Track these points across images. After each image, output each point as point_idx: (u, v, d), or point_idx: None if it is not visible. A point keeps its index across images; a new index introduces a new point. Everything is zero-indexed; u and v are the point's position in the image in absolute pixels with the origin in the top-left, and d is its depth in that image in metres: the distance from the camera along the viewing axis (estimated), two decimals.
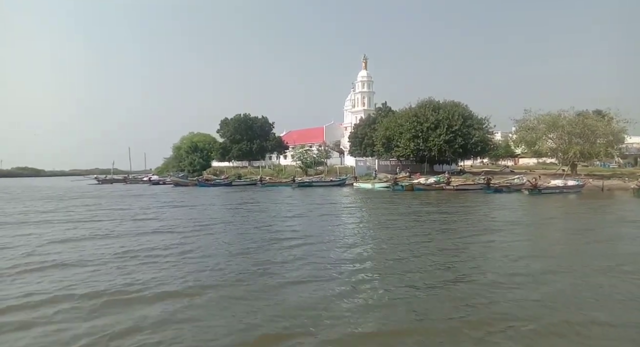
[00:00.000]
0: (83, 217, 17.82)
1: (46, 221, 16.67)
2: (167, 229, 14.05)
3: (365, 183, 41.29)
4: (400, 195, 29.86)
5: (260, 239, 11.91)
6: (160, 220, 16.87)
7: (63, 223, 15.94)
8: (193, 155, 64.50)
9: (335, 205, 23.20)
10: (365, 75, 72.10)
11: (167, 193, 36.32)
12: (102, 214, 19.08)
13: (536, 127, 41.51)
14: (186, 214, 19.10)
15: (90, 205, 24.34)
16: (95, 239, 12.30)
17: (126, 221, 16.47)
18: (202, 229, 14.07)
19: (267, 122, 77.90)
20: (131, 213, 19.61)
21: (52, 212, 20.61)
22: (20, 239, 12.13)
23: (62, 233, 13.41)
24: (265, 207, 21.77)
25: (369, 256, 9.79)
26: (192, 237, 12.26)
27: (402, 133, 47.53)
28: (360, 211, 20.63)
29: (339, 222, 16.20)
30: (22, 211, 21.42)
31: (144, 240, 11.89)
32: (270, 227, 14.50)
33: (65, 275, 7.89)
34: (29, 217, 17.93)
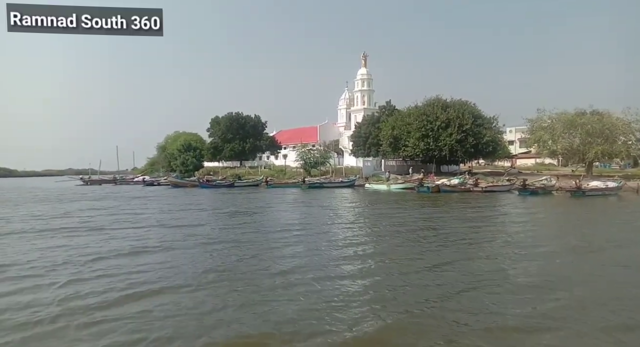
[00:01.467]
0: (105, 224, 15.33)
1: (68, 228, 14.07)
2: (231, 239, 11.75)
3: (379, 184, 39.38)
4: (430, 197, 28.02)
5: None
6: (198, 226, 14.51)
7: (89, 231, 13.47)
8: (185, 155, 61.30)
9: (372, 210, 20.79)
10: (365, 73, 70.19)
11: (170, 195, 33.56)
12: (124, 219, 16.57)
13: (551, 127, 40.41)
14: (225, 219, 16.78)
15: (100, 209, 21.64)
16: (154, 252, 9.95)
17: (164, 228, 14.08)
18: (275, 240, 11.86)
19: (260, 121, 75.44)
20: (157, 217, 17.13)
21: (65, 217, 17.94)
22: (56, 254, 9.67)
23: (99, 244, 10.98)
24: (300, 211, 19.71)
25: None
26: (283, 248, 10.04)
27: (411, 132, 45.94)
28: (424, 220, 16.31)
29: (413, 239, 12.41)
30: (31, 215, 18.72)
31: (218, 254, 9.59)
32: (340, 242, 12.37)
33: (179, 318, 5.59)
34: (45, 224, 15.29)
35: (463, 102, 47.72)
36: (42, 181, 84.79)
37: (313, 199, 27.33)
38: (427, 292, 6.54)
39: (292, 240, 11.41)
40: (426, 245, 10.69)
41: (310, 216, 17.69)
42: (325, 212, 18.75)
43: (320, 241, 11.17)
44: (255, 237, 11.91)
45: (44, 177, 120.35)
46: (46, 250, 10.13)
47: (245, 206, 22.81)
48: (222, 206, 23.46)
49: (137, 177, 64.74)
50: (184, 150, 62.58)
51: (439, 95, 48.67)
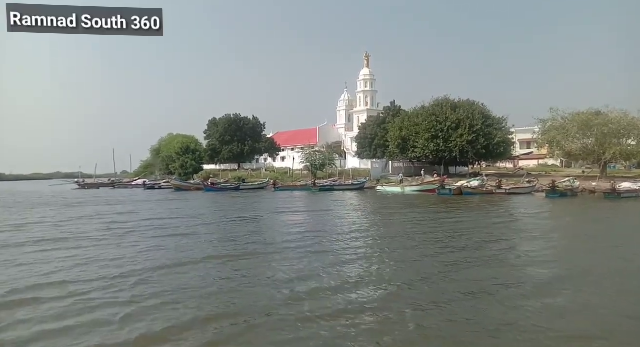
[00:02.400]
0: (133, 227, 13.96)
1: (98, 238, 12.56)
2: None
3: (393, 187, 38.20)
4: (454, 201, 26.84)
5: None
6: (240, 236, 13.11)
7: (122, 239, 12.05)
8: (185, 157, 59.51)
9: (400, 217, 18.71)
10: (367, 73, 69.12)
11: (180, 199, 31.89)
12: (157, 225, 15.19)
13: (564, 127, 39.64)
14: (265, 224, 15.42)
15: (119, 213, 20.10)
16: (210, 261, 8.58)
17: (210, 236, 12.68)
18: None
19: (259, 122, 73.94)
20: (187, 224, 15.64)
21: (86, 222, 16.47)
22: (119, 265, 8.28)
23: (145, 255, 9.60)
24: (319, 218, 18.34)
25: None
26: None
27: (419, 133, 44.97)
28: (465, 231, 14.24)
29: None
30: (50, 220, 17.36)
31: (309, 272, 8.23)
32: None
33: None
34: (73, 229, 13.91)
35: (471, 103, 46.92)
36: (34, 184, 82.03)
37: (327, 203, 25.97)
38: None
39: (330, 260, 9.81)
40: (495, 266, 8.67)
41: (333, 223, 15.93)
42: (349, 220, 16.77)
43: (365, 260, 9.55)
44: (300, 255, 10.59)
45: (32, 181, 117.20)
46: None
47: (264, 210, 21.39)
48: (241, 210, 21.98)
49: (135, 181, 62.75)
50: (182, 153, 60.77)
51: (447, 96, 47.86)
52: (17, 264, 8.89)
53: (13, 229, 14.68)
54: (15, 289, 6.86)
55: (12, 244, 11.58)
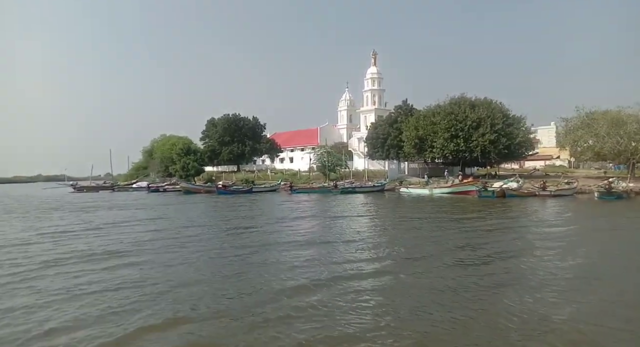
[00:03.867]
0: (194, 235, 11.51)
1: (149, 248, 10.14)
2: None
3: (418, 188, 36.17)
4: (501, 204, 24.90)
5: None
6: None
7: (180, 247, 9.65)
8: (186, 159, 56.55)
9: (454, 224, 16.48)
10: (375, 72, 67.02)
11: (197, 202, 29.30)
12: (212, 236, 12.72)
13: (590, 125, 38.23)
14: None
15: (150, 218, 17.49)
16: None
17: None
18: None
19: (258, 123, 71.47)
20: (257, 232, 13.25)
21: (130, 231, 14.03)
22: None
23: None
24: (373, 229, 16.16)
25: None
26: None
27: (437, 133, 43.07)
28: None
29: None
30: (88, 227, 15.31)
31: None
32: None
33: None
34: (129, 239, 11.49)
35: (489, 101, 45.26)
36: (23, 188, 77.95)
37: (361, 208, 23.81)
38: None
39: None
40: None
41: (394, 236, 13.65)
42: (409, 234, 14.36)
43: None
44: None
45: (16, 184, 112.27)
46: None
47: (311, 216, 19.03)
48: (283, 218, 19.47)
49: (134, 183, 59.49)
50: (183, 154, 57.79)
51: (463, 94, 46.12)
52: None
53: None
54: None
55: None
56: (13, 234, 14.29)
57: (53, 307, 6.08)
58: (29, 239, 12.93)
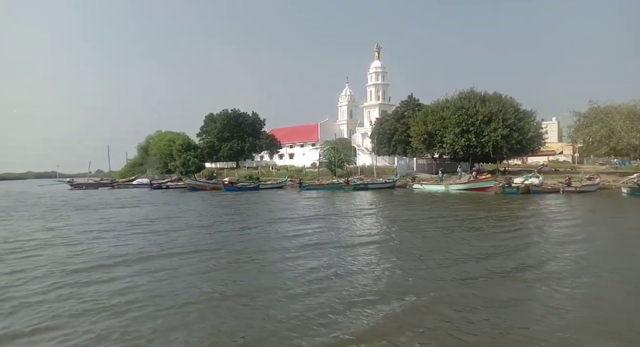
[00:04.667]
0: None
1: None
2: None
3: (433, 185, 35.18)
4: (525, 201, 24.00)
5: None
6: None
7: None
8: (186, 155, 54.96)
9: (499, 223, 15.56)
10: (379, 65, 65.81)
11: (209, 200, 27.95)
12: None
13: (604, 120, 37.50)
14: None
15: (169, 216, 16.19)
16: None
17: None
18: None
19: (258, 118, 70.12)
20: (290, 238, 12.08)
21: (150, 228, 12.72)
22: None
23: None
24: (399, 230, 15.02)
25: None
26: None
27: (447, 127, 42.10)
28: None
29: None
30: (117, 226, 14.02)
31: None
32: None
33: None
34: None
35: (498, 95, 44.34)
36: (17, 185, 75.57)
37: (378, 206, 22.75)
38: None
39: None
40: None
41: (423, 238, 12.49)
42: (444, 241, 13.24)
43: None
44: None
45: (7, 181, 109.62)
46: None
47: (341, 214, 17.86)
48: (312, 216, 18.24)
49: (134, 180, 57.88)
50: (183, 150, 56.18)
51: (473, 88, 45.13)
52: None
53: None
54: None
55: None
56: (41, 234, 13.06)
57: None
58: (70, 239, 11.89)
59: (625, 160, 51.90)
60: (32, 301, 6.17)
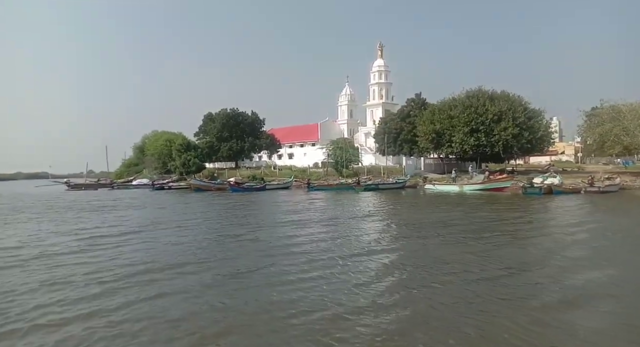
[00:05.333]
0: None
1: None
2: None
3: (447, 185, 34.32)
4: (552, 200, 23.24)
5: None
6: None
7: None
8: (187, 155, 53.55)
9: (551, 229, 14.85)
10: (381, 64, 64.88)
11: (217, 201, 26.79)
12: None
13: (617, 119, 36.93)
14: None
15: (196, 220, 15.05)
16: None
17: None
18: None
19: (258, 118, 68.95)
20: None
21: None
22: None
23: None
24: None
25: None
26: None
27: (456, 127, 41.33)
28: None
29: None
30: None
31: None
32: None
33: None
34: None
35: (506, 94, 43.65)
36: (10, 185, 73.60)
37: (396, 208, 21.88)
38: None
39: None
40: None
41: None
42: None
43: None
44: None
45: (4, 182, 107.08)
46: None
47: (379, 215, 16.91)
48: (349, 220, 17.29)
49: (131, 180, 56.49)
50: (184, 150, 54.77)
51: (481, 86, 44.39)
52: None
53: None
54: None
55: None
56: (58, 238, 11.94)
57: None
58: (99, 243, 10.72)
59: (629, 160, 51.54)
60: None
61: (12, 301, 6.18)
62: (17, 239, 11.96)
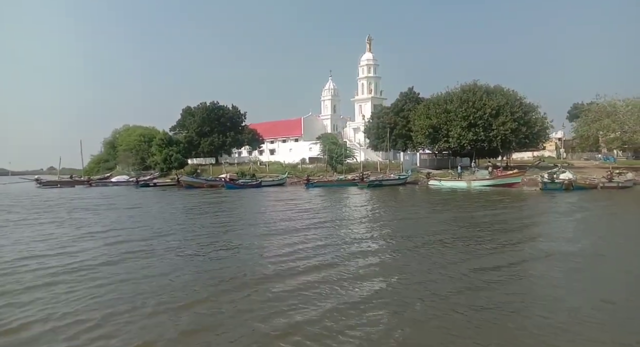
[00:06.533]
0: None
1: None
2: None
3: (453, 181, 33.25)
4: (576, 196, 22.36)
5: None
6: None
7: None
8: (168, 150, 50.41)
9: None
10: (370, 58, 63.30)
11: (218, 199, 24.53)
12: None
13: (613, 115, 36.91)
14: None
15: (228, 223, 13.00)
16: None
17: None
18: None
19: (238, 112, 66.21)
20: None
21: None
22: None
23: None
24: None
25: None
26: None
27: (453, 121, 40.45)
28: None
29: None
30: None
31: None
32: None
33: None
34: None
35: (500, 88, 43.13)
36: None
37: (414, 207, 20.56)
38: None
39: None
40: None
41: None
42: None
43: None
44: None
45: None
46: None
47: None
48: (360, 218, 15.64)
49: (108, 176, 53.01)
50: (165, 145, 51.59)
51: (476, 81, 43.66)
52: None
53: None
54: None
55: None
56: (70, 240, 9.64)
57: None
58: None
59: (609, 156, 52.28)
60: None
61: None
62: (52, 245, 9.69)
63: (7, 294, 6.20)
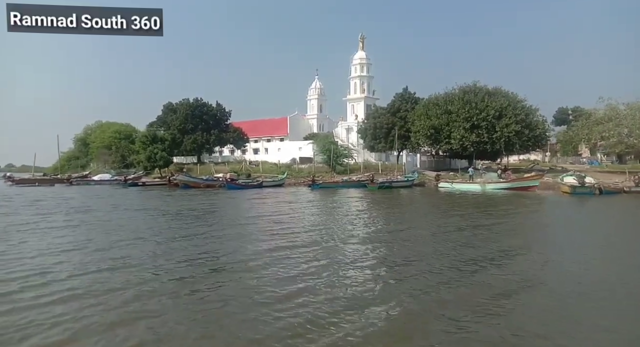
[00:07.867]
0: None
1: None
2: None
3: (466, 184, 32.07)
4: (618, 202, 21.52)
5: None
6: None
7: None
8: (152, 148, 47.18)
9: None
10: (363, 57, 61.62)
11: (228, 201, 22.30)
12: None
13: (615, 118, 36.84)
14: None
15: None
16: None
17: None
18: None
19: (222, 110, 63.47)
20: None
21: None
22: None
23: None
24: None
25: None
26: None
27: (454, 122, 39.56)
28: None
29: None
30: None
31: None
32: None
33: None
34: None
35: (499, 89, 42.62)
36: None
37: (440, 213, 19.02)
38: None
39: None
40: None
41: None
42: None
43: None
44: None
45: None
46: None
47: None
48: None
49: (87, 174, 49.39)
50: (149, 143, 48.32)
51: (476, 82, 43.00)
52: None
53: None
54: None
55: None
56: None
57: None
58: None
59: (595, 160, 52.83)
60: None
61: None
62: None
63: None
